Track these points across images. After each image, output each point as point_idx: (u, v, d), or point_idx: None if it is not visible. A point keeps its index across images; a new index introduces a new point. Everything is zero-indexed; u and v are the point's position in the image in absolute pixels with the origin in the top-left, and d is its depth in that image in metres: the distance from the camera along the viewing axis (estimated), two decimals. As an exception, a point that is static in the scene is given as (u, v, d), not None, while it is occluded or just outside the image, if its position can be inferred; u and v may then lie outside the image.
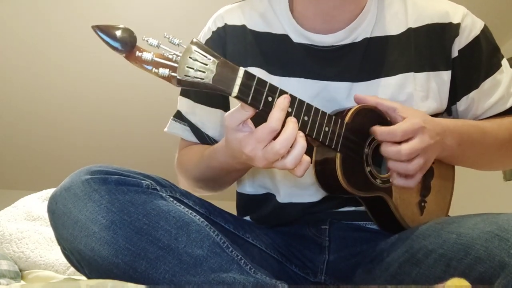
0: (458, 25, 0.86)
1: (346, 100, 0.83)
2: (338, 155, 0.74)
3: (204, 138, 0.95)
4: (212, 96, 0.92)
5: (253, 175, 0.92)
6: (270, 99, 0.67)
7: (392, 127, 0.73)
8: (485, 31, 0.88)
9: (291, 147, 0.66)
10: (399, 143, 0.73)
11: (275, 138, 0.66)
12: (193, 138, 0.96)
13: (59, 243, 0.72)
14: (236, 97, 0.64)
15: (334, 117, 0.74)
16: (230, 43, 0.91)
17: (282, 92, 0.67)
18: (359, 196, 0.78)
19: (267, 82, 0.67)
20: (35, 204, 1.69)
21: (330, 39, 0.86)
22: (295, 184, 0.86)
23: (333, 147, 0.73)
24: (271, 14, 0.91)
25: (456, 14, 0.87)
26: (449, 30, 0.86)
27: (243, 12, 0.92)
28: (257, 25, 0.90)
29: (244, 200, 0.95)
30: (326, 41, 0.86)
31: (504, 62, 0.90)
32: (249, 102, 0.65)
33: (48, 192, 1.72)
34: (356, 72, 0.85)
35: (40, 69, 2.83)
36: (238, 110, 0.67)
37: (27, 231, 1.55)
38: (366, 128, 0.77)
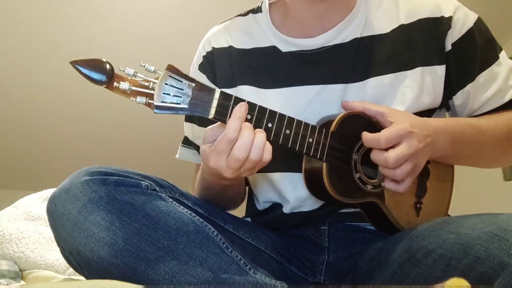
0: (450, 18, 0.85)
1: (340, 102, 0.82)
2: (324, 164, 0.75)
3: None
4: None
5: (258, 194, 0.93)
6: (249, 116, 0.68)
7: (376, 134, 0.73)
8: (478, 24, 0.87)
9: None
10: (388, 149, 0.73)
11: None
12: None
13: (59, 244, 0.72)
14: (214, 118, 0.67)
15: (318, 127, 0.74)
16: (218, 66, 0.92)
17: (238, 100, 0.68)
18: (349, 203, 0.78)
19: (244, 100, 0.68)
20: (35, 204, 1.69)
21: (319, 41, 0.86)
22: (296, 197, 0.86)
23: (318, 157, 0.74)
24: (257, 28, 0.92)
25: (447, 7, 0.86)
26: (441, 24, 0.85)
27: (228, 32, 0.94)
28: (244, 43, 0.92)
29: (253, 213, 0.97)
30: (315, 44, 0.87)
31: (502, 54, 0.89)
32: (226, 122, 0.67)
33: (48, 192, 1.72)
34: (349, 73, 0.85)
35: (40, 68, 2.83)
36: (218, 125, 0.70)
37: (27, 231, 1.55)
38: (354, 134, 0.77)
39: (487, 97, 0.87)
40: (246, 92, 0.88)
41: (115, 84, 0.64)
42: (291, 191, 0.86)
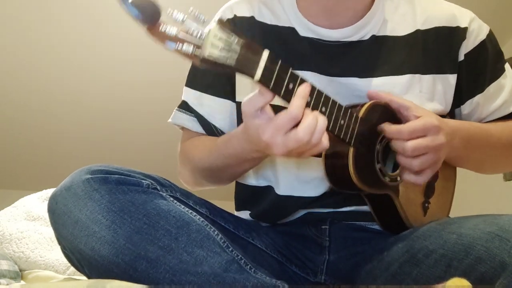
0: (466, 29, 0.86)
1: (351, 96, 0.82)
2: (351, 149, 0.73)
3: (211, 130, 0.93)
4: (219, 85, 0.91)
5: (257, 166, 0.90)
6: (291, 86, 0.65)
7: (400, 125, 0.73)
8: (490, 36, 0.89)
9: None
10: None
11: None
12: (200, 129, 0.94)
13: (60, 243, 0.72)
14: (259, 81, 0.62)
15: (350, 110, 0.72)
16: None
17: (303, 81, 0.66)
18: (367, 192, 0.77)
19: (289, 68, 0.65)
20: (35, 204, 1.69)
21: (337, 34, 0.86)
22: (297, 177, 0.85)
23: (347, 141, 0.72)
24: (278, 7, 0.90)
25: (463, 18, 0.87)
26: (456, 34, 0.86)
27: (251, 3, 0.92)
28: (265, 17, 0.90)
29: (244, 192, 0.94)
30: (333, 36, 0.86)
31: (507, 66, 0.91)
32: (271, 87, 0.63)
33: (48, 192, 1.72)
34: (362, 69, 0.85)
35: (41, 70, 2.83)
36: (256, 96, 0.65)
37: (27, 231, 1.55)
38: (378, 124, 0.76)
39: (495, 108, 0.89)
40: None
41: (161, 27, 0.57)
42: (294, 171, 0.85)
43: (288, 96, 0.65)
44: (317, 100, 0.67)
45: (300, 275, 0.86)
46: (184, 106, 0.95)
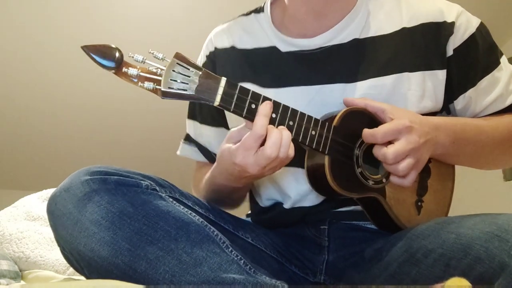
0: (453, 23, 0.85)
1: (340, 102, 0.82)
2: (327, 158, 0.75)
3: (212, 158, 0.97)
4: (215, 116, 0.96)
5: (260, 191, 0.93)
6: (253, 106, 0.70)
7: (373, 129, 0.74)
8: (481, 29, 0.87)
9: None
10: (387, 144, 0.73)
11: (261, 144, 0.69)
12: (202, 159, 1.00)
13: (59, 244, 0.72)
14: (219, 105, 0.68)
15: (321, 121, 0.75)
16: (220, 66, 0.94)
17: (265, 99, 0.70)
18: (351, 197, 0.78)
19: (249, 90, 0.70)
20: (35, 204, 1.69)
21: (318, 41, 0.87)
22: (298, 192, 0.87)
23: (320, 150, 0.74)
24: (258, 28, 0.93)
25: (450, 12, 0.86)
26: (443, 29, 0.85)
27: (231, 32, 0.96)
28: (246, 43, 0.93)
29: (254, 212, 0.97)
30: (314, 44, 0.87)
31: (503, 59, 0.89)
32: (231, 110, 0.69)
33: (48, 192, 1.72)
34: (348, 73, 0.85)
35: (40, 70, 2.83)
36: (243, 127, 0.71)
37: (27, 231, 1.55)
38: (356, 130, 0.77)
39: (489, 102, 0.88)
40: (250, 88, 0.89)
41: (124, 69, 0.66)
42: (294, 185, 0.86)
43: (251, 115, 0.70)
44: (282, 115, 0.72)
45: (300, 275, 0.86)
46: (187, 138, 1.02)
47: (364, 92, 0.83)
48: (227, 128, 0.95)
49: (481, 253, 0.60)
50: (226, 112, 0.92)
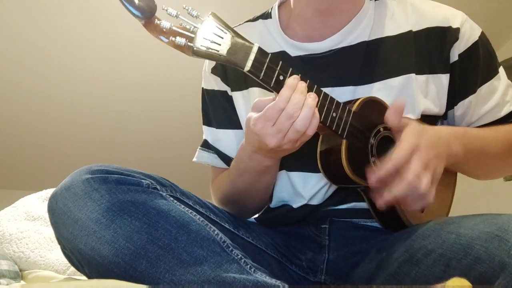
0: (458, 29, 0.86)
1: None
2: (344, 142, 0.75)
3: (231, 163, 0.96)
4: (231, 119, 0.95)
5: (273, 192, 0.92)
6: (281, 77, 0.69)
7: (385, 166, 0.70)
8: (482, 37, 0.89)
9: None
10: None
11: None
12: (221, 164, 0.99)
13: (59, 243, 0.72)
14: (249, 71, 0.67)
15: (342, 104, 0.74)
16: (230, 70, 0.94)
17: (293, 72, 0.70)
18: (363, 187, 0.78)
19: (279, 60, 0.69)
20: (35, 204, 1.69)
21: (326, 44, 0.87)
22: (310, 194, 0.87)
23: (339, 133, 0.74)
24: (267, 34, 0.93)
25: (455, 19, 0.87)
26: (448, 34, 0.86)
27: None
28: None
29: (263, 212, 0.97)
30: (322, 47, 0.87)
31: (501, 69, 0.91)
32: (261, 78, 0.68)
33: (48, 192, 1.72)
34: (358, 75, 0.85)
35: (41, 70, 2.83)
36: (271, 99, 0.70)
37: (27, 231, 1.55)
38: (374, 119, 0.77)
39: (486, 110, 0.89)
40: (257, 94, 0.90)
41: (156, 21, 0.64)
42: (309, 189, 0.87)
43: (278, 87, 0.69)
44: (309, 90, 0.71)
45: (300, 275, 0.86)
46: (205, 145, 1.01)
47: (373, 94, 0.83)
48: (242, 129, 0.94)
49: (481, 253, 0.61)
50: (239, 112, 0.93)
